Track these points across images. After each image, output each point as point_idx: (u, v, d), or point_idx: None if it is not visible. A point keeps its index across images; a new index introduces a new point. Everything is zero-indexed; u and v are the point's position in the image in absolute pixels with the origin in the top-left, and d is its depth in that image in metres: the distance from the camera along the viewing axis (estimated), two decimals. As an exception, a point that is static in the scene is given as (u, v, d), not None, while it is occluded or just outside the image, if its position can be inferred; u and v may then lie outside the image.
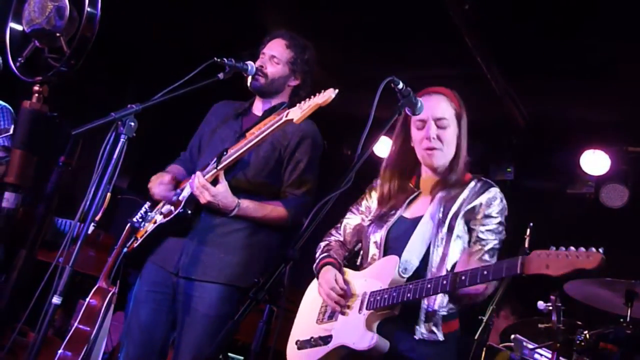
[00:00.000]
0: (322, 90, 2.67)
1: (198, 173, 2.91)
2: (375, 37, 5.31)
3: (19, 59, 1.92)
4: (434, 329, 2.44)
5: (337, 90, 2.66)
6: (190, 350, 2.84)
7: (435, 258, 2.47)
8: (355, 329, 2.43)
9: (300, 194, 3.05)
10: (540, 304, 3.56)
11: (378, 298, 2.41)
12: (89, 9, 1.80)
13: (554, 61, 5.09)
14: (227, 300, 2.91)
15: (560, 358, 3.52)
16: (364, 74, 3.83)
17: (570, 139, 5.84)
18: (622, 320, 3.42)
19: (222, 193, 2.87)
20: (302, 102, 2.71)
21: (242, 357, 4.96)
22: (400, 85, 2.38)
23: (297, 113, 2.70)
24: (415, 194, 2.67)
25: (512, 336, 4.08)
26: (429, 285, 2.30)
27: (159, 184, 3.08)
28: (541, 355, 3.90)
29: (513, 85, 5.51)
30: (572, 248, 2.07)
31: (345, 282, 2.57)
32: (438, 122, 2.62)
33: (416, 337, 2.43)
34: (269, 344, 2.04)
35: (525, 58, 5.16)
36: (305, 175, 3.06)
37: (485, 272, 2.18)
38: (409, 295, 2.33)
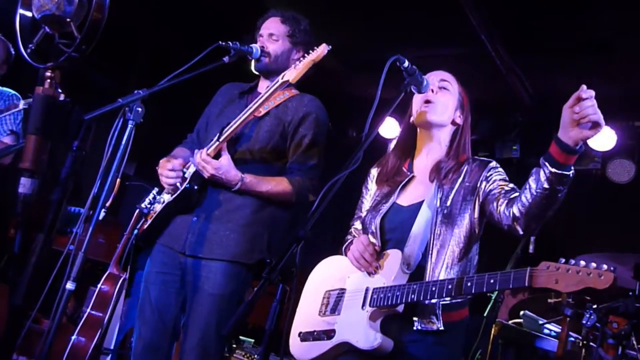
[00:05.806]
0: (315, 48, 2.70)
1: (200, 150, 2.91)
2: (379, 17, 5.28)
3: (30, 45, 1.93)
4: (432, 318, 2.35)
5: (329, 47, 2.68)
6: (198, 329, 2.85)
7: (434, 250, 2.40)
8: (358, 326, 2.37)
9: (305, 170, 3.02)
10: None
11: (382, 296, 2.35)
12: (98, -6, 1.81)
13: (558, 37, 5.06)
14: (233, 277, 2.90)
15: (570, 333, 3.54)
16: (369, 55, 3.82)
17: (576, 115, 5.81)
18: (630, 293, 3.44)
19: (225, 166, 2.86)
20: (297, 63, 2.74)
21: (253, 340, 5.00)
22: (406, 64, 2.36)
23: (292, 74, 2.72)
24: (408, 178, 2.60)
25: (522, 312, 4.11)
26: (433, 288, 2.24)
27: (170, 175, 3.01)
28: (551, 330, 3.93)
29: (518, 63, 5.48)
30: (582, 262, 1.97)
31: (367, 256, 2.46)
32: (441, 83, 2.62)
33: (414, 328, 2.36)
34: (281, 324, 2.05)
35: (529, 35, 5.13)
36: (310, 151, 3.04)
37: (492, 281, 2.12)
38: (412, 296, 2.28)
